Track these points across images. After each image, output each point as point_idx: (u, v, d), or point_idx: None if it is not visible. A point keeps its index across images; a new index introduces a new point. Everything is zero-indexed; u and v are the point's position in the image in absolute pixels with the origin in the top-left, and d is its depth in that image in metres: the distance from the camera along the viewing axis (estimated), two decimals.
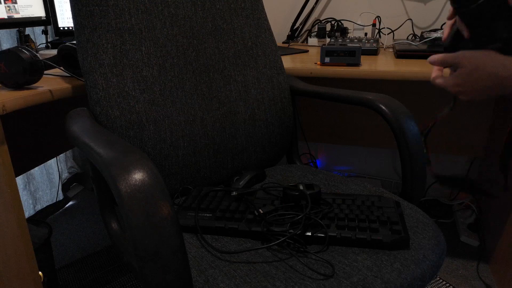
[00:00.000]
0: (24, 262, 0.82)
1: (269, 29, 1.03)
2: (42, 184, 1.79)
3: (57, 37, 1.53)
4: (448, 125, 1.55)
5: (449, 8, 0.71)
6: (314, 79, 1.11)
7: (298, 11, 1.66)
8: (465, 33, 0.64)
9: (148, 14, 0.83)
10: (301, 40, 1.79)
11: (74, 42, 0.81)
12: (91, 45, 0.77)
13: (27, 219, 0.83)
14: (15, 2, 1.26)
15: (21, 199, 0.81)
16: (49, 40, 1.55)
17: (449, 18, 0.71)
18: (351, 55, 1.13)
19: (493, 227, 1.39)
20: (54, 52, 1.12)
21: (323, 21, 1.68)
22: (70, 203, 1.93)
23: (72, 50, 0.88)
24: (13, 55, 0.78)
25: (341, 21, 1.63)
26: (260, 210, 0.71)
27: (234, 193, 0.78)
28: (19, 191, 1.10)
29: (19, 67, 0.78)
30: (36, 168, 1.74)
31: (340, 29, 1.56)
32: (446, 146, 1.57)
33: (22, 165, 1.31)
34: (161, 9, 0.84)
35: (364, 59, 1.17)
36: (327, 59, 1.15)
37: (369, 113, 1.63)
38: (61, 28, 1.45)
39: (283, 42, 1.72)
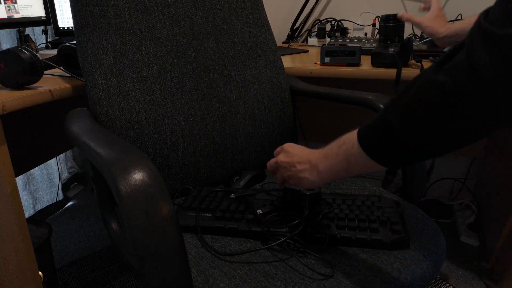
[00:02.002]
0: (24, 262, 0.82)
1: (269, 29, 1.03)
2: (42, 184, 1.79)
3: (57, 37, 1.53)
4: None
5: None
6: (314, 79, 1.11)
7: (298, 11, 1.66)
8: None
9: (148, 14, 0.83)
10: (301, 40, 1.78)
11: (74, 42, 0.81)
12: (91, 45, 0.77)
13: (27, 219, 0.83)
14: (15, 2, 1.26)
15: (21, 199, 0.81)
16: (49, 40, 1.55)
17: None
18: (351, 55, 1.13)
19: (493, 227, 1.39)
20: (54, 52, 1.12)
21: (323, 21, 1.68)
22: (70, 203, 1.93)
23: (72, 50, 0.88)
24: (13, 55, 0.78)
25: (341, 21, 1.63)
26: (260, 210, 0.71)
27: (232, 195, 0.78)
28: (19, 191, 1.10)
29: (19, 67, 0.78)
30: (36, 168, 1.74)
31: (340, 29, 1.56)
32: None
33: (22, 165, 1.31)
34: (161, 9, 0.84)
35: (364, 59, 1.17)
36: (327, 59, 1.15)
37: (369, 113, 1.62)
38: (61, 28, 1.45)
39: (283, 42, 1.72)
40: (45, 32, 1.52)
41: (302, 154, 0.63)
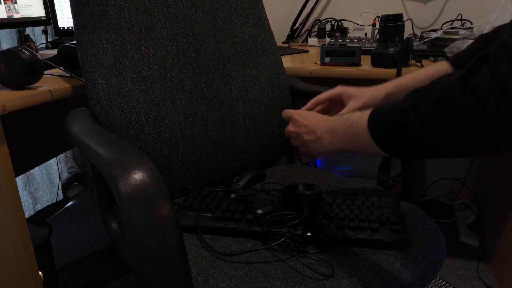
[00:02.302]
0: (24, 262, 0.82)
1: (269, 29, 1.03)
2: (42, 184, 1.79)
3: (57, 37, 1.53)
4: None
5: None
6: (314, 79, 1.11)
7: (298, 11, 1.66)
8: None
9: (148, 14, 0.83)
10: (301, 40, 1.79)
11: (74, 42, 0.81)
12: (91, 45, 0.77)
13: (27, 219, 0.83)
14: (15, 2, 1.26)
15: (21, 199, 0.81)
16: (49, 40, 1.55)
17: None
18: (351, 55, 1.13)
19: (493, 227, 1.39)
20: (54, 52, 1.11)
21: (323, 21, 1.68)
22: (70, 203, 1.93)
23: (72, 50, 0.88)
24: (13, 55, 0.78)
25: (341, 21, 1.63)
26: (260, 210, 0.71)
27: (232, 195, 0.78)
28: (19, 191, 1.10)
29: (19, 67, 0.78)
30: (36, 168, 1.74)
31: (340, 29, 1.56)
32: None
33: (22, 165, 1.31)
34: (161, 9, 0.84)
35: (364, 59, 1.17)
36: (327, 59, 1.15)
37: None
38: (61, 28, 1.45)
39: (283, 42, 1.72)
40: (45, 32, 1.52)
41: (308, 124, 0.64)
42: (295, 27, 1.70)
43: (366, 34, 1.57)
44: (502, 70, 0.37)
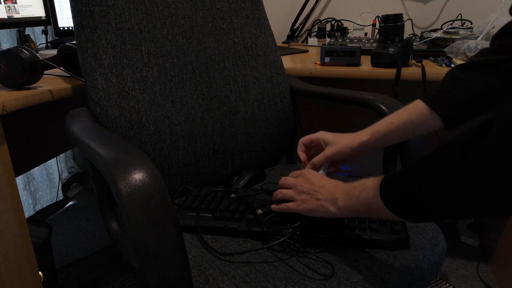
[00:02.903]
0: (24, 262, 0.82)
1: (269, 29, 1.03)
2: (42, 184, 1.79)
3: (57, 37, 1.53)
4: None
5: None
6: (314, 79, 1.11)
7: (298, 11, 1.66)
8: None
9: (148, 14, 0.83)
10: (301, 40, 1.79)
11: (74, 42, 0.81)
12: (91, 45, 0.77)
13: (27, 219, 0.83)
14: (15, 2, 1.26)
15: (21, 199, 0.81)
16: (49, 40, 1.55)
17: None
18: (351, 55, 1.13)
19: (493, 227, 1.39)
20: (54, 52, 1.12)
21: (323, 21, 1.68)
22: (70, 203, 1.93)
23: (72, 50, 0.88)
24: (13, 55, 0.78)
25: (341, 21, 1.63)
26: (260, 210, 0.71)
27: (232, 195, 0.78)
28: (19, 191, 1.11)
29: (19, 67, 0.78)
30: (36, 168, 1.74)
31: (340, 29, 1.56)
32: None
33: (22, 165, 1.31)
34: (161, 9, 0.84)
35: (364, 59, 1.17)
36: (327, 59, 1.15)
37: (369, 113, 1.62)
38: (61, 28, 1.45)
39: (283, 42, 1.72)
40: (45, 32, 1.52)
41: (324, 184, 0.63)
42: (295, 27, 1.70)
43: (366, 34, 1.57)
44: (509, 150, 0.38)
